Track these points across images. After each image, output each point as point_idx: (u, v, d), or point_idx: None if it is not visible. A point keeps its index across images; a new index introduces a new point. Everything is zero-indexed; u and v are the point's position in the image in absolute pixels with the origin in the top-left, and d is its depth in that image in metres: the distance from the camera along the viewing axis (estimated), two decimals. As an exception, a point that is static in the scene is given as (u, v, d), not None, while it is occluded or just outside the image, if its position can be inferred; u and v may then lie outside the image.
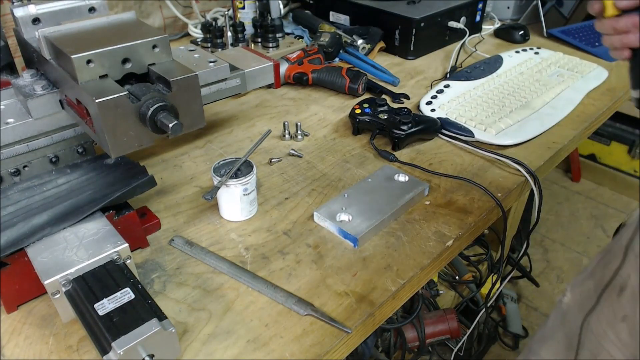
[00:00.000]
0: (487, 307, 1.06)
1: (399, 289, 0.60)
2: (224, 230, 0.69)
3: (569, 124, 0.94)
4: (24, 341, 0.53)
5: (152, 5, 1.30)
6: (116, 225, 0.59)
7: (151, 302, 0.50)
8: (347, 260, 0.64)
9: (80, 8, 0.64)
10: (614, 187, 2.35)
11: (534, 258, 1.97)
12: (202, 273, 0.62)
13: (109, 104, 0.52)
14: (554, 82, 1.04)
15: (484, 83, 1.04)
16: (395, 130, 0.85)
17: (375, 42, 1.22)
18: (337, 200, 0.72)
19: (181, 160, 0.84)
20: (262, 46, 1.18)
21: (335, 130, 0.93)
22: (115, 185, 0.62)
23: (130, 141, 0.57)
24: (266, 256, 0.64)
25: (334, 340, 0.54)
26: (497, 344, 1.63)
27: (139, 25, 0.62)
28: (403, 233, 0.68)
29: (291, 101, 1.04)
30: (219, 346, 0.53)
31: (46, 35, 0.58)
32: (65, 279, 0.52)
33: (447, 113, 0.93)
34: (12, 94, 0.64)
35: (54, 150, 0.65)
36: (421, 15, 1.17)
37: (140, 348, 0.46)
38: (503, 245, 0.84)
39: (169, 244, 0.66)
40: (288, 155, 0.85)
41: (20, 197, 0.60)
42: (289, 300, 0.57)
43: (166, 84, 0.58)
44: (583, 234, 2.12)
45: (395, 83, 1.09)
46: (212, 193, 0.65)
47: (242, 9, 1.25)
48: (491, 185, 0.77)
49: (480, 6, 1.33)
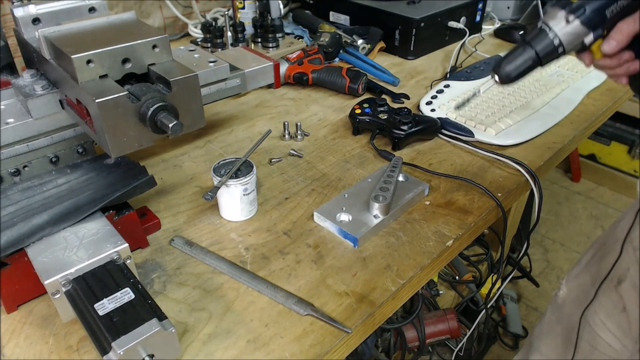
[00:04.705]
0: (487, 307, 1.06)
1: (399, 289, 0.60)
2: (224, 230, 0.69)
3: (569, 124, 0.94)
4: (24, 341, 0.53)
5: (152, 5, 1.30)
6: (116, 225, 0.59)
7: (151, 302, 0.50)
8: (347, 260, 0.64)
9: (80, 8, 0.64)
10: (614, 187, 2.35)
11: (534, 258, 1.97)
12: (202, 273, 0.62)
13: (109, 104, 0.52)
14: (554, 82, 1.04)
15: (484, 83, 1.04)
16: (395, 130, 0.85)
17: (375, 42, 1.22)
18: (337, 200, 0.72)
19: (181, 160, 0.84)
20: (262, 46, 1.18)
21: (335, 130, 0.93)
22: (115, 185, 0.62)
23: (130, 141, 0.57)
24: (266, 256, 0.64)
25: (334, 340, 0.54)
26: (497, 344, 1.63)
27: (139, 25, 0.62)
28: (403, 233, 0.68)
29: (291, 101, 1.04)
30: (219, 346, 0.53)
31: (46, 35, 0.58)
32: (65, 279, 0.52)
33: (447, 113, 0.93)
34: (12, 94, 0.64)
35: (54, 150, 0.65)
36: (421, 15, 1.17)
37: (140, 348, 0.46)
38: (503, 245, 0.84)
39: (169, 244, 0.66)
40: (288, 155, 0.85)
41: (20, 197, 0.60)
42: (289, 300, 0.57)
43: (166, 84, 0.58)
44: (583, 234, 2.12)
45: (395, 83, 1.09)
46: (212, 193, 0.65)
47: (242, 9, 1.25)
48: (491, 185, 0.77)
49: (480, 6, 1.33)
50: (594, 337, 0.74)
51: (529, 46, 0.59)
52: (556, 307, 0.86)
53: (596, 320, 0.74)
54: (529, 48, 0.59)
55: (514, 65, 0.60)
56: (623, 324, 0.69)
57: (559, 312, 0.85)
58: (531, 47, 0.58)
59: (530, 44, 0.59)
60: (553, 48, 0.58)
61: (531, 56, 0.59)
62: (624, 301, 0.68)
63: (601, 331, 0.73)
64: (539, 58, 0.59)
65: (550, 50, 0.58)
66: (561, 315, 0.84)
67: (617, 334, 0.71)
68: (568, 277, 0.84)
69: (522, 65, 0.59)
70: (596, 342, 0.74)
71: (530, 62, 0.59)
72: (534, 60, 0.59)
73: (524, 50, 0.59)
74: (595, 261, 0.79)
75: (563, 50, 0.58)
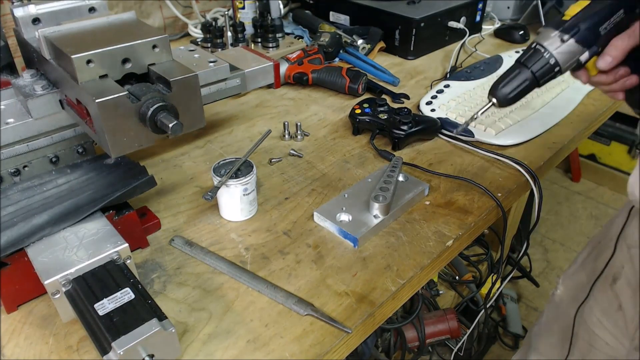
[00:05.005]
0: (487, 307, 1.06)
1: (399, 289, 0.60)
2: (224, 230, 0.69)
3: (569, 124, 0.94)
4: (24, 341, 0.53)
5: (152, 5, 1.30)
6: (116, 225, 0.59)
7: (151, 302, 0.50)
8: (347, 260, 0.64)
9: (80, 8, 0.64)
10: (614, 187, 2.35)
11: (534, 258, 1.97)
12: (202, 273, 0.62)
13: (109, 104, 0.52)
14: (554, 82, 1.04)
15: (484, 83, 1.04)
16: (395, 130, 0.85)
17: (375, 42, 1.22)
18: (337, 200, 0.72)
19: (181, 160, 0.84)
20: (262, 46, 1.18)
21: (335, 130, 0.93)
22: (115, 185, 0.62)
23: (130, 141, 0.57)
24: (266, 256, 0.64)
25: (334, 340, 0.54)
26: (497, 344, 1.63)
27: (139, 25, 0.62)
28: (403, 233, 0.68)
29: (291, 101, 1.04)
30: (219, 346, 0.53)
31: (46, 35, 0.58)
32: (65, 279, 0.52)
33: (447, 113, 0.93)
34: (12, 94, 0.64)
35: (54, 150, 0.65)
36: (421, 15, 1.17)
37: (140, 348, 0.46)
38: (503, 245, 0.84)
39: (169, 244, 0.66)
40: (288, 155, 0.85)
41: (20, 197, 0.60)
42: (289, 300, 0.57)
43: (166, 84, 0.58)
44: (583, 234, 2.12)
45: (395, 83, 1.09)
46: (212, 193, 0.65)
47: (242, 9, 1.25)
48: (491, 185, 0.77)
49: (480, 6, 1.33)
50: (591, 336, 0.75)
51: (525, 67, 0.59)
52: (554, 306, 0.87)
53: (593, 319, 0.74)
54: (525, 69, 0.59)
55: (511, 87, 0.60)
56: (619, 322, 0.70)
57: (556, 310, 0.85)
58: (527, 68, 0.59)
59: (525, 65, 0.59)
60: (549, 67, 0.58)
61: (528, 77, 0.59)
62: (620, 299, 0.68)
63: (598, 329, 0.74)
64: (536, 78, 0.59)
65: (546, 70, 0.58)
66: (558, 313, 0.84)
67: (614, 332, 0.71)
68: (565, 275, 0.85)
69: (519, 87, 0.60)
70: (593, 340, 0.75)
71: (527, 83, 0.59)
72: (532, 80, 0.59)
73: (520, 71, 0.59)
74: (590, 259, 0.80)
75: (559, 69, 0.58)
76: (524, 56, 0.59)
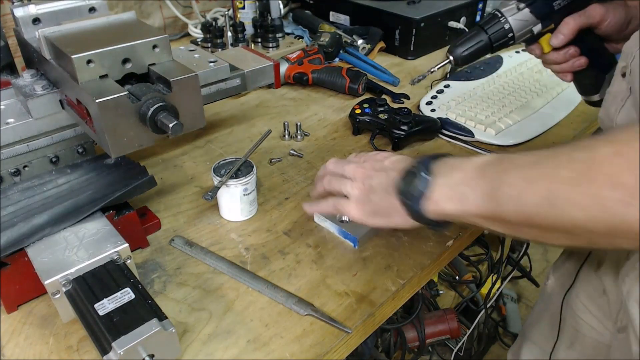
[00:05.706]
0: (487, 307, 1.06)
1: (399, 289, 0.60)
2: (224, 230, 0.69)
3: (569, 124, 0.94)
4: (24, 341, 0.53)
5: (152, 5, 1.30)
6: (116, 225, 0.59)
7: (151, 302, 0.50)
8: (347, 260, 0.64)
9: (80, 8, 0.64)
10: (614, 187, 2.35)
11: (534, 258, 1.97)
12: (202, 273, 0.62)
13: (109, 104, 0.52)
14: (554, 82, 1.04)
15: (484, 83, 1.04)
16: (395, 130, 0.85)
17: (375, 42, 1.22)
18: (337, 200, 0.71)
19: (181, 160, 0.84)
20: (262, 46, 1.18)
21: (335, 130, 0.93)
22: (115, 185, 0.62)
23: (130, 141, 0.56)
24: (266, 256, 0.64)
25: (334, 340, 0.54)
26: (497, 344, 1.63)
27: (139, 25, 0.62)
28: (403, 233, 0.68)
29: (291, 101, 1.04)
30: (219, 346, 0.53)
31: (46, 35, 0.58)
32: (66, 279, 0.52)
33: (447, 113, 0.93)
34: (12, 94, 0.64)
35: (54, 150, 0.65)
36: (421, 15, 1.17)
37: (140, 348, 0.46)
38: (503, 245, 0.84)
39: (169, 244, 0.66)
40: (288, 155, 0.85)
41: (20, 197, 0.60)
42: (289, 300, 0.57)
43: (166, 84, 0.58)
44: (583, 234, 2.11)
45: (395, 83, 1.09)
46: (212, 193, 0.65)
47: (242, 9, 1.25)
48: (491, 185, 0.77)
49: (480, 6, 1.33)
50: (577, 321, 0.76)
51: (482, 30, 0.65)
52: (545, 297, 0.88)
53: (578, 305, 0.76)
54: (482, 31, 0.65)
55: (466, 46, 0.66)
56: (604, 306, 0.71)
57: (547, 301, 0.86)
58: (484, 31, 0.65)
59: (482, 28, 0.65)
60: (503, 32, 0.64)
61: (483, 39, 0.65)
62: (604, 284, 0.69)
63: (583, 314, 0.75)
64: (491, 41, 0.65)
65: (500, 34, 0.64)
66: (549, 303, 0.85)
67: (599, 316, 0.73)
68: (554, 266, 0.86)
69: (473, 47, 0.66)
70: (579, 326, 0.76)
71: (481, 44, 0.65)
72: (486, 42, 0.65)
73: (477, 33, 0.65)
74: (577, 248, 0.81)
75: (513, 36, 0.64)
76: (483, 20, 0.65)
